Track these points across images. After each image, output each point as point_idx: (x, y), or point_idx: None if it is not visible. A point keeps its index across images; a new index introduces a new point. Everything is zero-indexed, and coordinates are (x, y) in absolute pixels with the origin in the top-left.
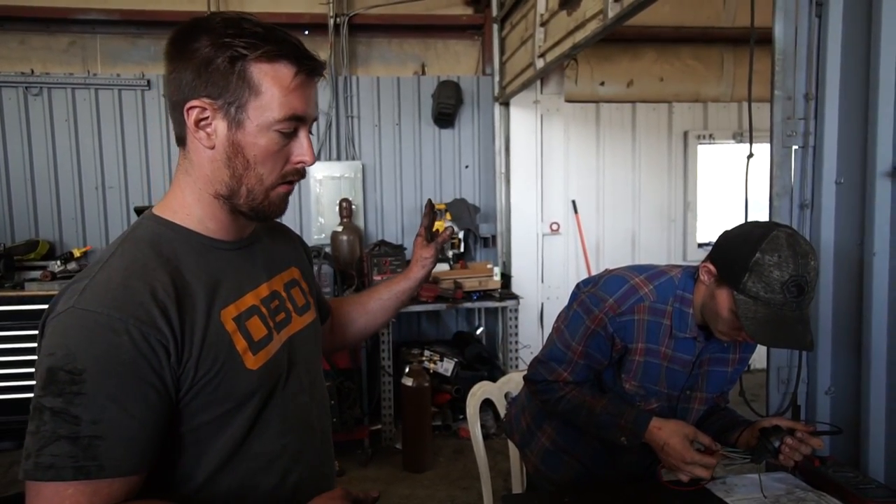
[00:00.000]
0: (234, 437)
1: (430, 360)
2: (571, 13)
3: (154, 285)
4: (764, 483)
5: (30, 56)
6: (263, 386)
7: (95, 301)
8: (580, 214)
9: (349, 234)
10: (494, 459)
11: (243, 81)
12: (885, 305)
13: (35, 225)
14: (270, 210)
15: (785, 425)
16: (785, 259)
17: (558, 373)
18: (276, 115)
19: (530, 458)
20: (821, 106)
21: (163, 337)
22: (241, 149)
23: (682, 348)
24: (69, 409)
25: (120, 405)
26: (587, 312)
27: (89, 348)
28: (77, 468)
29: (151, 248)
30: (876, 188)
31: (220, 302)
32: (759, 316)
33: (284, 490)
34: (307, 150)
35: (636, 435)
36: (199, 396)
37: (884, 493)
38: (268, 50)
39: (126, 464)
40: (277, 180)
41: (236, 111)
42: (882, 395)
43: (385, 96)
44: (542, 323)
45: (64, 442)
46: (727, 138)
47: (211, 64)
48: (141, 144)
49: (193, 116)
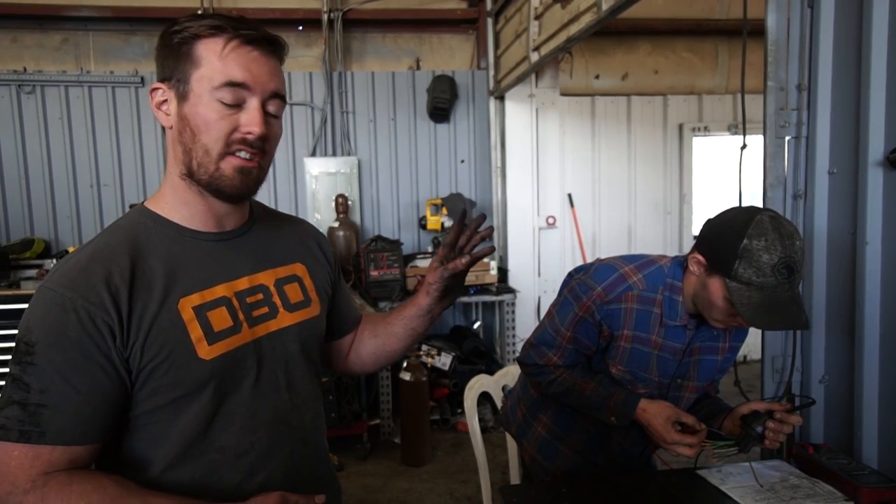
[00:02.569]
0: (191, 426)
1: (427, 354)
2: (565, 6)
3: (111, 269)
4: (758, 471)
5: (22, 54)
6: (218, 377)
7: (58, 281)
8: (576, 208)
9: (345, 230)
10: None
11: (188, 58)
12: (877, 294)
13: (30, 223)
14: (224, 184)
15: (762, 408)
16: (772, 242)
17: (548, 357)
18: (214, 83)
19: (527, 447)
20: (813, 97)
21: (109, 318)
22: (187, 120)
23: (673, 336)
24: (23, 376)
25: (64, 378)
26: (576, 299)
27: (42, 323)
28: (21, 432)
29: (126, 235)
30: (868, 178)
31: (181, 290)
32: (753, 301)
33: (250, 487)
34: (255, 119)
35: (625, 416)
36: (150, 381)
37: (877, 480)
38: (208, 24)
39: (67, 434)
40: (223, 150)
41: (182, 85)
42: (875, 383)
43: (380, 91)
44: (539, 316)
45: (16, 406)
46: (722, 130)
47: (165, 49)
48: (135, 142)
49: (155, 99)
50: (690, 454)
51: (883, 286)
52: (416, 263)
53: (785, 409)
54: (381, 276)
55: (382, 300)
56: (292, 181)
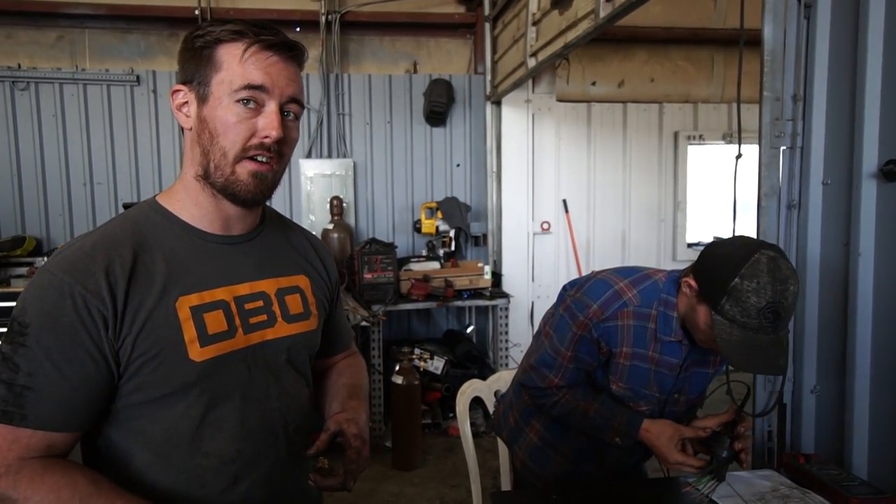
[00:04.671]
0: (177, 427)
1: (420, 358)
2: (563, 12)
3: (113, 258)
4: (749, 480)
5: (17, 50)
6: (206, 380)
7: (59, 265)
8: (571, 214)
9: (340, 232)
10: (484, 457)
11: (209, 61)
12: (869, 305)
13: (21, 221)
14: (238, 188)
15: (714, 425)
16: (763, 286)
17: (550, 379)
18: (234, 86)
19: (518, 454)
20: (808, 107)
21: (104, 307)
22: (206, 122)
23: (669, 352)
24: (13, 357)
25: (53, 363)
26: (572, 318)
27: (37, 305)
28: (3, 412)
29: (133, 227)
30: (862, 189)
31: (182, 289)
32: (734, 338)
33: (232, 496)
34: (273, 122)
35: (629, 436)
36: (137, 375)
37: (867, 491)
38: (230, 29)
39: (49, 420)
40: (240, 153)
41: (203, 88)
42: (866, 394)
43: (377, 94)
44: (533, 321)
45: (2, 386)
46: (717, 139)
47: (188, 52)
48: (130, 140)
49: (176, 101)
50: (695, 471)
51: (875, 298)
52: (410, 266)
53: (732, 419)
54: (374, 278)
55: (376, 303)
56: (287, 182)
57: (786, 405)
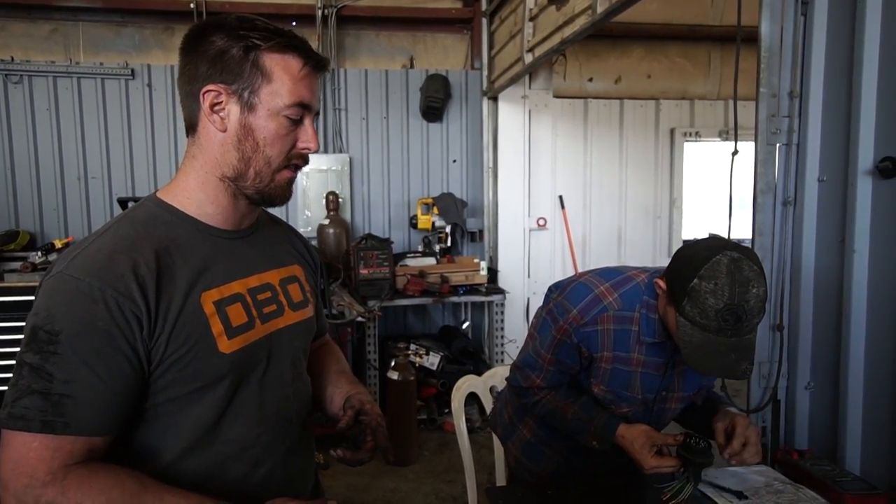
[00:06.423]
0: (203, 418)
1: (416, 353)
2: (560, 8)
3: (137, 260)
4: (743, 475)
5: (10, 43)
6: (235, 371)
7: (81, 269)
8: (567, 210)
9: (336, 228)
10: (479, 453)
11: (256, 69)
12: (863, 302)
13: (15, 215)
14: (276, 193)
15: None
16: (721, 287)
17: (531, 379)
18: (286, 101)
19: (512, 450)
20: (805, 104)
21: (137, 309)
22: (251, 131)
23: (654, 353)
24: (45, 366)
25: (91, 368)
26: (554, 322)
27: (68, 312)
28: (44, 422)
29: (145, 227)
30: (857, 186)
31: (203, 284)
32: (694, 340)
33: (254, 479)
34: (312, 136)
35: (605, 440)
36: (169, 372)
37: (860, 486)
38: (280, 41)
39: (90, 425)
40: (283, 163)
41: (249, 95)
42: (860, 390)
43: (373, 89)
44: (528, 318)
45: (36, 396)
46: (713, 136)
47: (226, 53)
48: (124, 134)
49: (209, 100)
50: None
51: (869, 294)
52: (406, 262)
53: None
54: (370, 274)
55: (371, 299)
56: None
57: (780, 401)
